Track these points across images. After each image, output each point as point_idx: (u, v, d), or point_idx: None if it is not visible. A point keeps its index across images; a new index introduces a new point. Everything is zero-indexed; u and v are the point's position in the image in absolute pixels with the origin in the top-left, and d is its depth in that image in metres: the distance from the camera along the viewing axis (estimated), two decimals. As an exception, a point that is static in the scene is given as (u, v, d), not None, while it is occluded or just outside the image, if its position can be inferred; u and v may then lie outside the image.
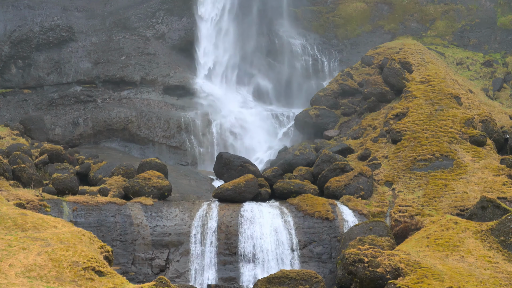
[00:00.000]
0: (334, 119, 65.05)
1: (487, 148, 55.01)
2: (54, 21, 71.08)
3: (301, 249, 47.02)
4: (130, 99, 70.01)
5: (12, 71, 69.48)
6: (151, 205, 48.31)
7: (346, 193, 50.66)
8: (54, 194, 47.76)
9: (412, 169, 52.67)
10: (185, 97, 71.35)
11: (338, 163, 52.90)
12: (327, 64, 76.43)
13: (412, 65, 65.22)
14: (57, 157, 54.72)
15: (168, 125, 68.48)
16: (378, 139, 57.79)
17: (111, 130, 68.37)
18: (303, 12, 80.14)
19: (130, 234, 46.43)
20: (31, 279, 32.90)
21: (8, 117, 66.62)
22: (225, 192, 49.89)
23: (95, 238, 39.10)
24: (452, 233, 42.99)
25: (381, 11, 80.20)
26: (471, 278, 38.30)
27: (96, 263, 34.83)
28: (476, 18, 78.25)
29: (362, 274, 38.83)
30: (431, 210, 48.31)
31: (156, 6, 73.82)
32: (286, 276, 40.38)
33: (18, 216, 38.78)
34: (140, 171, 51.91)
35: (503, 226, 42.22)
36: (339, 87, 67.43)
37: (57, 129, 67.42)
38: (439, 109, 58.15)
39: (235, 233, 46.99)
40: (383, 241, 44.70)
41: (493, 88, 68.91)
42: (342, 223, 47.94)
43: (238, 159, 54.13)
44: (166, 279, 34.74)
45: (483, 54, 74.71)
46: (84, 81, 70.39)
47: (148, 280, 44.60)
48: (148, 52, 72.23)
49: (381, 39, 77.14)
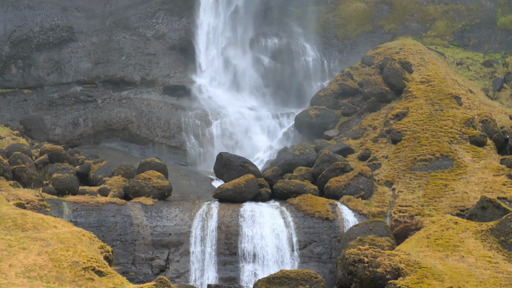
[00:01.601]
0: (334, 119, 65.03)
1: (487, 148, 54.99)
2: (54, 21, 71.07)
3: (301, 249, 47.00)
4: (130, 99, 70.00)
5: (12, 71, 69.47)
6: (151, 205, 48.29)
7: (346, 193, 50.65)
8: (54, 194, 47.74)
9: (412, 169, 52.65)
10: (185, 97, 71.33)
11: (338, 163, 52.89)
12: (327, 64, 76.39)
13: (412, 65, 65.19)
14: (57, 157, 54.69)
15: (168, 125, 68.47)
16: (378, 139, 57.77)
17: (111, 130, 68.37)
18: (303, 12, 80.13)
19: (130, 234, 46.42)
20: (31, 279, 32.89)
21: (8, 117, 66.61)
22: (225, 192, 49.88)
23: (95, 238, 39.11)
24: (452, 233, 42.98)
25: (381, 11, 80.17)
26: (471, 278, 38.29)
27: (96, 263, 34.83)
28: (476, 18, 78.22)
29: (362, 274, 38.83)
30: (431, 210, 48.30)
31: (156, 6, 73.80)
32: (286, 276, 40.36)
33: (18, 216, 38.78)
34: (140, 171, 51.91)
35: (503, 226, 42.21)
36: (339, 87, 67.39)
37: (57, 129, 67.42)
38: (439, 109, 58.14)
39: (235, 233, 46.97)
40: (383, 241, 44.69)
41: (493, 88, 68.88)
42: (342, 223, 47.93)
43: (238, 159, 54.11)
44: (166, 279, 34.76)
45: (483, 54, 74.66)
46: (84, 81, 70.38)
47: (148, 280, 44.59)
48: (148, 52, 72.21)
49: (381, 39, 77.11)
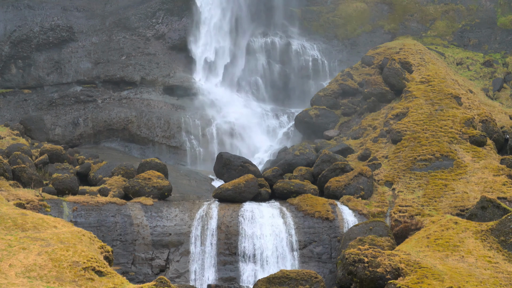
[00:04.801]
0: (334, 119, 65.03)
1: (487, 148, 55.00)
2: (54, 21, 71.05)
3: (301, 249, 47.00)
4: (130, 99, 69.99)
5: (12, 71, 69.47)
6: (151, 205, 48.30)
7: (346, 193, 50.65)
8: (54, 194, 47.75)
9: (412, 169, 52.65)
10: (185, 97, 71.32)
11: (338, 163, 52.89)
12: (327, 64, 76.38)
13: (412, 65, 65.20)
14: (57, 157, 54.69)
15: (168, 125, 68.46)
16: (378, 139, 57.78)
17: (111, 130, 68.36)
18: (303, 12, 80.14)
19: (130, 234, 46.42)
20: (31, 279, 32.89)
21: (8, 117, 66.61)
22: (225, 192, 49.88)
23: (95, 238, 39.12)
24: (452, 233, 42.98)
25: (381, 11, 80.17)
26: (471, 278, 38.29)
27: (96, 263, 34.83)
28: (476, 18, 78.22)
29: (362, 274, 38.83)
30: (431, 210, 48.30)
31: (156, 6, 73.78)
32: (286, 276, 40.37)
33: (18, 216, 38.78)
34: (140, 171, 51.91)
35: (503, 226, 42.21)
36: (339, 87, 67.38)
37: (57, 129, 67.42)
38: (439, 109, 58.14)
39: (235, 233, 46.97)
40: (383, 241, 44.69)
41: (493, 88, 68.89)
42: (342, 223, 47.93)
43: (238, 159, 54.11)
44: (166, 279, 34.77)
45: (483, 54, 74.67)
46: (84, 81, 70.37)
47: (148, 280, 44.60)
48: (148, 52, 72.20)
49: (381, 39, 77.11)
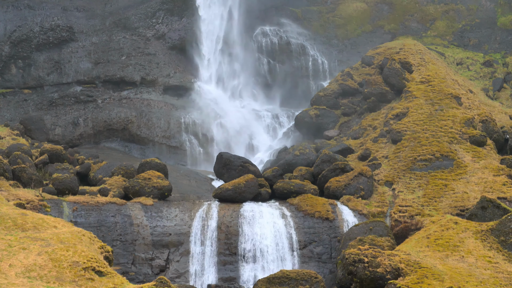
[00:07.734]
0: (334, 119, 65.03)
1: (487, 148, 55.00)
2: (54, 21, 71.01)
3: (301, 249, 46.99)
4: (130, 99, 69.98)
5: (12, 71, 69.45)
6: (151, 205, 48.29)
7: (346, 193, 50.65)
8: (54, 194, 47.74)
9: (412, 169, 52.65)
10: (185, 97, 71.31)
11: (338, 163, 52.89)
12: (327, 64, 76.39)
13: (412, 65, 65.20)
14: (57, 157, 54.67)
15: (168, 125, 68.47)
16: (378, 139, 57.78)
17: (111, 130, 68.35)
18: (303, 12, 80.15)
19: (130, 234, 46.42)
20: (31, 279, 32.89)
21: (8, 117, 66.58)
22: (225, 192, 49.88)
23: (95, 238, 39.10)
24: (452, 233, 42.98)
25: (381, 11, 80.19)
26: (471, 278, 38.29)
27: (96, 263, 34.83)
28: (476, 18, 78.23)
29: (362, 274, 38.83)
30: (431, 210, 48.30)
31: (156, 6, 73.74)
32: (286, 276, 40.36)
33: (18, 216, 38.78)
34: (140, 171, 51.89)
35: (503, 226, 42.21)
36: (339, 87, 67.39)
37: (57, 129, 67.41)
38: (439, 109, 58.15)
39: (235, 233, 46.97)
40: (383, 241, 44.68)
41: (493, 88, 68.90)
42: (342, 223, 47.94)
43: (238, 159, 54.11)
44: (166, 279, 34.76)
45: (483, 54, 74.68)
46: (84, 81, 70.35)
47: (148, 280, 44.59)
48: (148, 52, 72.16)
49: (381, 39, 77.13)
